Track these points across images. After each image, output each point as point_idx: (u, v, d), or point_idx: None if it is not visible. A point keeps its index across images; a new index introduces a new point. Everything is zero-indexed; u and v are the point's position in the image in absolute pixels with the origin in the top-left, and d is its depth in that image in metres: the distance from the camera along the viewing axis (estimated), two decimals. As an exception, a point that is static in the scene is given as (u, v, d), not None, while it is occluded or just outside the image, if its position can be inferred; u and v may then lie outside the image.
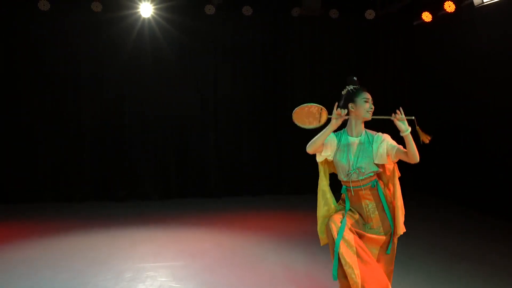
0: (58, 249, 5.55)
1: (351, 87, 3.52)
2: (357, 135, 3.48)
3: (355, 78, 3.54)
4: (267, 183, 8.88)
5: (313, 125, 3.37)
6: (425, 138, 3.33)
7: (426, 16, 8.41)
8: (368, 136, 3.48)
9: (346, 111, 3.33)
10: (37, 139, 8.29)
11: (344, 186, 3.49)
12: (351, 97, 3.46)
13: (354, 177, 3.37)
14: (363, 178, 3.38)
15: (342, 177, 3.47)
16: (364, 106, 3.45)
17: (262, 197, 8.67)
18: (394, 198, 3.40)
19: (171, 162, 8.75)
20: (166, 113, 8.64)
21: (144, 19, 8.24)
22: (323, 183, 3.53)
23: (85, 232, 6.30)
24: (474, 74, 7.69)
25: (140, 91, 8.53)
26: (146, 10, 8.02)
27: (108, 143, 8.53)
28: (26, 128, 8.23)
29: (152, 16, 8.19)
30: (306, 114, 3.39)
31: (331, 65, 9.05)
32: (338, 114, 3.29)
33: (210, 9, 8.38)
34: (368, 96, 3.48)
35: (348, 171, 3.39)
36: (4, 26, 8.06)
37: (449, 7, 7.76)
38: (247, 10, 8.50)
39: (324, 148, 3.43)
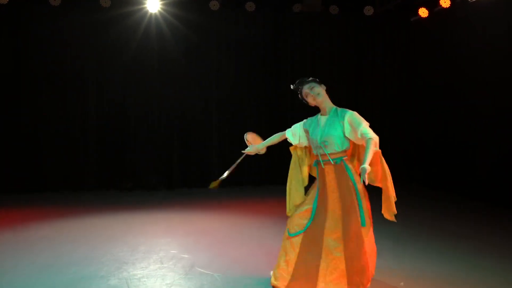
0: (75, 229, 5.86)
1: (299, 89, 4.02)
2: (327, 114, 3.85)
3: (292, 87, 4.07)
4: (269, 174, 9.17)
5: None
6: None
7: (423, 12, 8.72)
8: (338, 113, 3.82)
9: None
10: (44, 132, 8.54)
11: (315, 161, 3.85)
12: (302, 96, 3.97)
13: (321, 151, 3.72)
14: (330, 152, 3.70)
15: (313, 152, 3.84)
16: (308, 100, 3.94)
17: (265, 187, 8.95)
18: (382, 180, 3.66)
19: (175, 154, 9.01)
20: (171, 106, 8.92)
21: (151, 14, 8.54)
22: (294, 172, 3.96)
23: (97, 216, 6.58)
24: (470, 70, 7.91)
25: (146, 85, 8.80)
26: (153, 5, 8.33)
27: (115, 136, 8.79)
28: (39, 121, 8.49)
29: (159, 11, 8.50)
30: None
31: (331, 60, 9.36)
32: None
33: (214, 5, 8.69)
34: (307, 90, 3.91)
35: (316, 144, 3.74)
36: (15, 21, 8.33)
37: (445, 2, 8.08)
38: (250, 6, 8.81)
39: (293, 137, 3.96)
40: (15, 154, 8.40)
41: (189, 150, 9.03)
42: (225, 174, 4.08)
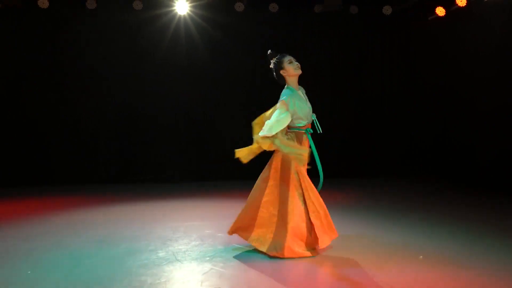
0: (118, 213, 6.36)
1: (274, 59, 4.54)
2: (298, 89, 4.52)
3: (270, 51, 4.58)
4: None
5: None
6: None
7: (440, 11, 9.08)
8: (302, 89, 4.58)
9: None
10: (77, 128, 9.13)
11: (305, 130, 4.51)
12: (279, 66, 4.48)
13: (312, 118, 4.53)
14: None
15: (302, 122, 4.46)
16: (293, 66, 4.45)
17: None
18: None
19: (201, 150, 9.52)
20: (197, 104, 9.43)
21: (180, 16, 9.05)
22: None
23: (129, 204, 7.05)
24: (486, 67, 8.23)
25: (175, 83, 9.31)
26: (182, 7, 8.84)
27: (140, 132, 9.35)
28: (70, 115, 9.09)
29: (188, 13, 9.00)
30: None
31: (351, 59, 9.78)
32: None
33: (239, 7, 9.16)
34: (290, 57, 4.46)
35: (310, 113, 4.51)
36: (56, 23, 8.92)
37: (461, 1, 8.44)
38: (273, 7, 9.25)
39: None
40: (46, 147, 9.02)
41: (216, 145, 9.49)
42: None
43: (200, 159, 9.53)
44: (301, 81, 4.70)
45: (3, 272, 3.92)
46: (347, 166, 9.68)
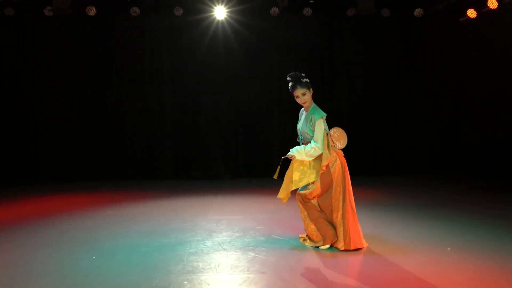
0: (164, 207, 6.85)
1: (294, 85, 4.77)
2: (306, 111, 4.78)
3: (288, 78, 4.81)
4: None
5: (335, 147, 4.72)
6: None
7: (471, 13, 9.23)
8: (312, 113, 4.65)
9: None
10: (126, 128, 9.71)
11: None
12: (292, 92, 4.78)
13: (299, 139, 4.79)
14: (305, 142, 4.70)
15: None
16: (297, 101, 4.76)
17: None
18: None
19: (241, 147, 9.98)
20: (237, 104, 9.89)
21: (218, 21, 9.48)
22: None
23: (178, 198, 7.60)
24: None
25: (214, 84, 9.80)
26: (220, 13, 9.27)
27: (186, 131, 9.86)
28: (118, 117, 9.67)
29: (225, 18, 9.43)
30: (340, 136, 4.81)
31: (384, 61, 10.04)
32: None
33: (275, 11, 9.53)
34: (299, 93, 4.70)
35: (298, 133, 4.81)
36: (102, 29, 9.52)
37: (492, 4, 8.59)
38: (307, 11, 9.59)
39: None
40: (98, 145, 9.68)
41: (253, 143, 9.94)
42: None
43: (245, 157, 10.03)
44: (335, 82, 5.03)
45: (72, 257, 4.41)
46: (373, 164, 10.00)
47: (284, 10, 9.61)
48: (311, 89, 4.72)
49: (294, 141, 5.03)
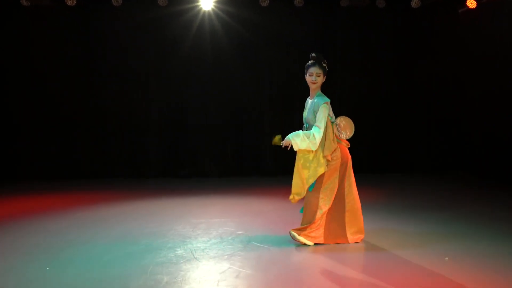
0: (141, 209, 6.38)
1: (313, 62, 4.78)
2: (312, 98, 4.76)
3: (313, 55, 4.78)
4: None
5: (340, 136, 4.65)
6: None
7: (471, 3, 8.78)
8: (317, 100, 4.64)
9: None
10: (110, 124, 9.21)
11: None
12: (308, 70, 4.78)
13: (305, 128, 4.70)
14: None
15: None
16: (308, 79, 4.75)
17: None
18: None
19: (229, 144, 9.48)
20: (224, 99, 9.38)
21: (204, 11, 9.00)
22: None
23: (159, 199, 7.11)
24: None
25: (201, 79, 9.29)
26: (206, 3, 8.79)
27: (172, 127, 9.36)
28: (100, 113, 9.17)
29: (212, 9, 8.96)
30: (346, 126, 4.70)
31: (379, 53, 9.55)
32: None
33: (264, 1, 9.05)
34: (311, 70, 4.71)
35: (303, 122, 4.76)
36: (82, 21, 9.02)
37: (493, -7, 8.15)
38: (298, 2, 9.11)
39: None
40: (82, 144, 9.14)
41: (242, 140, 9.47)
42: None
43: (234, 155, 9.53)
44: (328, 77, 4.80)
45: (22, 266, 3.96)
46: (374, 162, 9.53)
47: (274, 1, 9.13)
48: (325, 76, 4.76)
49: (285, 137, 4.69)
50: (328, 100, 4.60)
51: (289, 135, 4.58)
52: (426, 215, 5.84)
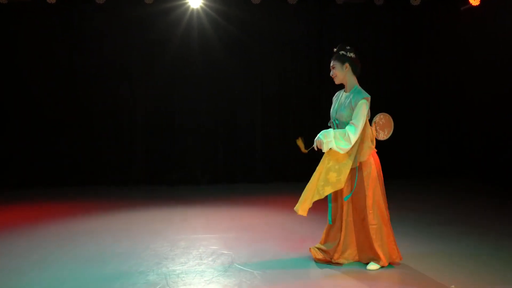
0: (118, 223, 5.92)
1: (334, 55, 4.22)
2: (348, 91, 4.19)
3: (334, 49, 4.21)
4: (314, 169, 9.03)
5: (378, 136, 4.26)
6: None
7: (474, 0, 8.34)
8: (355, 95, 4.08)
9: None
10: (93, 127, 8.74)
11: None
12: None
13: (334, 124, 4.19)
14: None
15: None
16: (332, 71, 4.22)
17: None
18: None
19: (220, 149, 9.02)
20: (214, 101, 8.92)
21: (193, 9, 8.54)
22: None
23: (141, 210, 6.64)
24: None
25: (189, 80, 8.83)
26: (195, 0, 8.32)
27: (159, 131, 8.88)
28: (82, 115, 8.69)
29: (201, 7, 8.49)
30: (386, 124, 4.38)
31: (377, 52, 9.08)
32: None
33: (256, -2, 8.59)
34: (332, 64, 4.19)
35: (331, 119, 4.24)
36: (63, 19, 8.55)
37: (496, -11, 7.71)
38: (292, -1, 8.66)
39: None
40: (62, 147, 8.63)
41: (233, 145, 9.01)
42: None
43: (225, 161, 9.05)
44: (324, 77, 4.34)
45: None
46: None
47: (267, -3, 8.68)
48: (346, 64, 4.11)
49: (279, 143, 4.21)
50: (369, 96, 4.05)
51: (319, 135, 4.00)
52: (427, 228, 5.38)
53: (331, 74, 4.17)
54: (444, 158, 9.32)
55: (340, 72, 4.11)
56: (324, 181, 4.01)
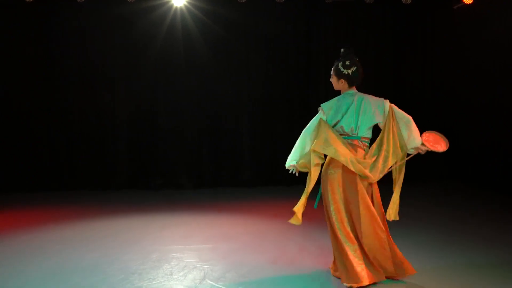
0: (92, 231, 5.62)
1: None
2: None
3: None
4: (301, 174, 8.75)
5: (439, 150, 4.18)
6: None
7: (467, -2, 8.10)
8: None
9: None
10: (74, 130, 8.44)
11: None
12: None
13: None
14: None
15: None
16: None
17: (296, 187, 8.51)
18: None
19: (205, 152, 8.73)
20: (199, 104, 8.62)
21: (176, 8, 8.25)
22: None
23: (118, 217, 6.35)
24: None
25: (173, 82, 8.54)
26: (178, -1, 8.05)
27: (142, 133, 8.59)
28: (62, 118, 8.39)
29: (185, 5, 8.20)
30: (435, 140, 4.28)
31: (368, 51, 8.80)
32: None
33: (242, -3, 8.30)
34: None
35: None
36: (42, 17, 8.23)
37: (490, -13, 7.45)
38: (279, -3, 8.37)
39: None
40: (40, 151, 8.34)
41: (219, 148, 8.72)
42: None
43: (211, 164, 8.75)
44: (312, 79, 4.04)
45: None
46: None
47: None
48: (342, 80, 4.24)
49: (265, 146, 3.93)
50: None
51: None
52: (424, 237, 5.10)
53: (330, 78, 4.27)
54: (438, 161, 9.07)
55: (336, 84, 4.25)
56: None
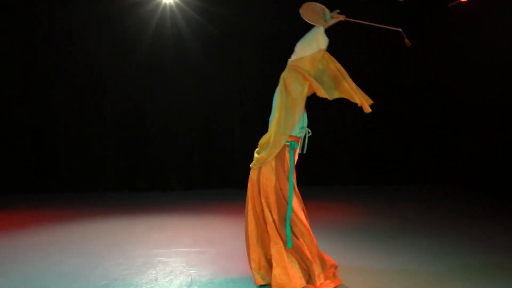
0: (76, 234, 5.41)
1: None
2: None
3: None
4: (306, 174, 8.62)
5: (319, 23, 3.77)
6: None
7: (462, -4, 7.97)
8: None
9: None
10: (60, 130, 8.22)
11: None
12: None
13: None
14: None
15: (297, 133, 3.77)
16: None
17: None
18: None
19: (195, 153, 8.55)
20: (189, 103, 8.43)
21: (165, 4, 8.06)
22: None
23: (104, 220, 6.16)
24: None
25: (162, 81, 8.36)
26: (167, -6, 7.85)
27: (131, 134, 8.40)
28: (49, 118, 8.17)
29: (174, 1, 8.00)
30: (312, 12, 3.80)
31: (362, 50, 8.66)
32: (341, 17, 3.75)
33: (233, -7, 8.12)
34: None
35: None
36: (27, 13, 8.01)
37: (486, -16, 7.32)
38: (272, -6, 8.20)
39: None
40: (26, 152, 8.11)
41: (209, 148, 8.53)
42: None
43: (201, 165, 8.57)
44: None
45: None
46: (358, 173, 8.62)
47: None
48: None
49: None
50: None
51: None
52: (420, 243, 4.93)
53: None
54: (434, 164, 8.95)
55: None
56: None
